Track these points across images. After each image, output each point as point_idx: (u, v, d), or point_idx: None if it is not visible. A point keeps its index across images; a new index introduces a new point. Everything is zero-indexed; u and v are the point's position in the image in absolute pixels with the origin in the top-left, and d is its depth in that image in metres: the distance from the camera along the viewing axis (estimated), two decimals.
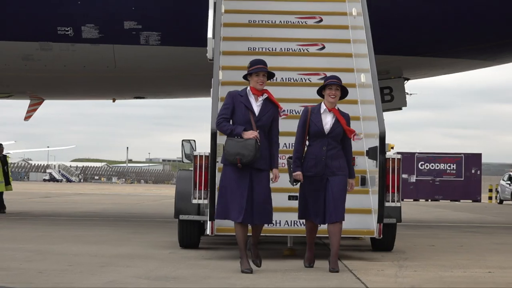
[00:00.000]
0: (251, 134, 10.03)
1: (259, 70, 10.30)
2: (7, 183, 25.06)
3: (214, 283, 9.45)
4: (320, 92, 10.76)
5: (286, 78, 13.75)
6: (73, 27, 19.02)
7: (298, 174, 10.47)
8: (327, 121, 10.46)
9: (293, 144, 10.77)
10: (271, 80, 11.18)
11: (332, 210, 10.29)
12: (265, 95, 10.34)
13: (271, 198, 10.35)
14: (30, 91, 23.80)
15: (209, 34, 13.98)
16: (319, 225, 10.76)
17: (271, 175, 10.34)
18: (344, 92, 10.66)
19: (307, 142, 10.64)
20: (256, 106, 10.26)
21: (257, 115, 10.23)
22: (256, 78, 10.29)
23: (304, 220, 11.08)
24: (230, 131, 10.25)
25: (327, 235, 10.74)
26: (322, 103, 10.61)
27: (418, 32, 19.33)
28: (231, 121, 10.34)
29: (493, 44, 20.37)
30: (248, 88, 10.39)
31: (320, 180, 10.38)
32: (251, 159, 10.00)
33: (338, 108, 10.64)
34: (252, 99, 10.30)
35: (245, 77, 10.54)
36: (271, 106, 10.35)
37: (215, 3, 14.29)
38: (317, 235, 12.22)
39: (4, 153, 25.26)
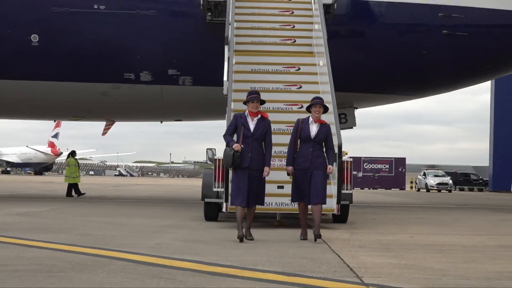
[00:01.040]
0: (235, 146, 9.98)
1: (253, 98, 10.23)
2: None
3: (228, 244, 9.44)
4: (308, 109, 10.51)
5: (276, 107, 13.75)
6: (135, 73, 19.03)
7: (289, 168, 10.29)
8: (313, 129, 10.22)
9: (287, 147, 10.49)
10: (266, 108, 11.15)
11: (314, 195, 10.04)
12: (260, 116, 10.25)
13: (264, 188, 10.22)
14: (105, 115, 23.81)
15: (225, 78, 13.97)
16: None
17: (265, 171, 10.15)
18: (325, 109, 10.47)
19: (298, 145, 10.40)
20: (252, 124, 10.14)
21: (252, 130, 10.09)
22: (252, 104, 10.22)
23: (294, 203, 11.00)
24: (227, 142, 10.23)
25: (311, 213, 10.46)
26: (310, 116, 10.35)
27: (363, 77, 19.35)
28: (235, 134, 10.23)
29: (412, 85, 20.47)
30: (247, 111, 10.32)
31: (307, 172, 10.07)
32: (231, 164, 10.03)
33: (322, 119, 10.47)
34: (249, 119, 10.19)
35: (245, 103, 10.50)
36: (264, 123, 10.22)
37: (228, 58, 14.30)
38: (295, 213, 12.20)
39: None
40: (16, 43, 18.53)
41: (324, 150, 10.33)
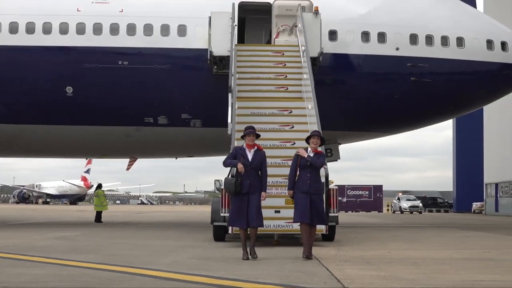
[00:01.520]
0: (240, 168, 9.75)
1: (250, 132, 10.02)
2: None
3: (234, 260, 9.36)
4: (307, 140, 10.16)
5: (272, 144, 13.72)
6: (153, 118, 19.07)
7: (290, 192, 9.87)
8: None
9: (289, 174, 9.99)
10: (264, 145, 11.09)
11: (315, 217, 9.69)
12: (256, 148, 10.02)
13: (261, 211, 9.79)
14: (129, 153, 23.79)
15: (229, 120, 14.00)
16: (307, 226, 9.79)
17: (262, 196, 9.89)
18: (322, 140, 10.17)
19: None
20: (250, 155, 9.88)
21: (250, 160, 9.82)
22: (248, 137, 10.01)
23: (289, 224, 10.80)
24: (229, 163, 10.02)
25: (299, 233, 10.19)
26: (309, 147, 10.01)
27: (345, 117, 19.42)
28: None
29: (387, 124, 20.54)
30: (245, 144, 10.10)
31: (307, 196, 9.68)
32: (233, 191, 9.72)
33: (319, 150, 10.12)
34: (247, 151, 9.93)
35: (242, 137, 10.30)
36: (260, 154, 9.97)
37: (232, 103, 14.35)
38: (290, 233, 12.12)
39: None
40: (53, 94, 18.62)
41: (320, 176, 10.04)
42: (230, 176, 10.10)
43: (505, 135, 44.42)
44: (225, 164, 10.11)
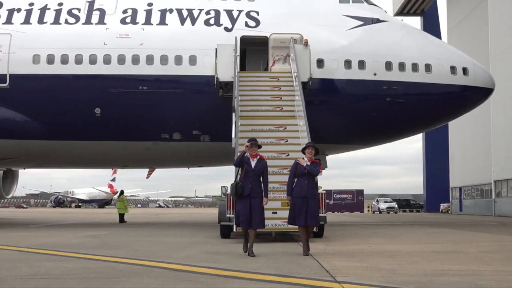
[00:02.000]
0: (246, 143, 9.71)
1: (252, 144, 9.79)
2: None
3: (237, 254, 9.31)
4: (303, 150, 9.98)
5: (269, 155, 13.60)
6: (169, 134, 19.09)
7: (289, 198, 9.64)
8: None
9: (287, 181, 9.78)
10: (265, 156, 11.06)
11: (310, 219, 9.43)
12: (258, 157, 9.78)
13: (263, 213, 9.58)
14: (148, 164, 23.74)
15: (233, 135, 13.99)
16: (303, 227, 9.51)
17: (264, 201, 9.65)
18: (316, 151, 9.97)
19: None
20: (253, 163, 9.63)
21: (253, 167, 9.56)
22: (251, 148, 9.77)
23: (284, 223, 10.67)
24: (236, 160, 9.83)
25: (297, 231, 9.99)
26: (305, 157, 9.79)
27: (332, 132, 19.41)
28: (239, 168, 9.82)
29: (366, 138, 20.52)
30: (248, 154, 9.84)
31: (303, 200, 9.44)
32: (233, 193, 9.54)
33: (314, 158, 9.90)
34: (251, 159, 9.68)
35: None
36: (262, 163, 9.70)
37: (235, 121, 14.34)
38: (288, 231, 12.05)
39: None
40: (84, 115, 18.64)
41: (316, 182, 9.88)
42: (234, 182, 10.07)
43: (466, 147, 44.62)
44: (235, 164, 9.97)
